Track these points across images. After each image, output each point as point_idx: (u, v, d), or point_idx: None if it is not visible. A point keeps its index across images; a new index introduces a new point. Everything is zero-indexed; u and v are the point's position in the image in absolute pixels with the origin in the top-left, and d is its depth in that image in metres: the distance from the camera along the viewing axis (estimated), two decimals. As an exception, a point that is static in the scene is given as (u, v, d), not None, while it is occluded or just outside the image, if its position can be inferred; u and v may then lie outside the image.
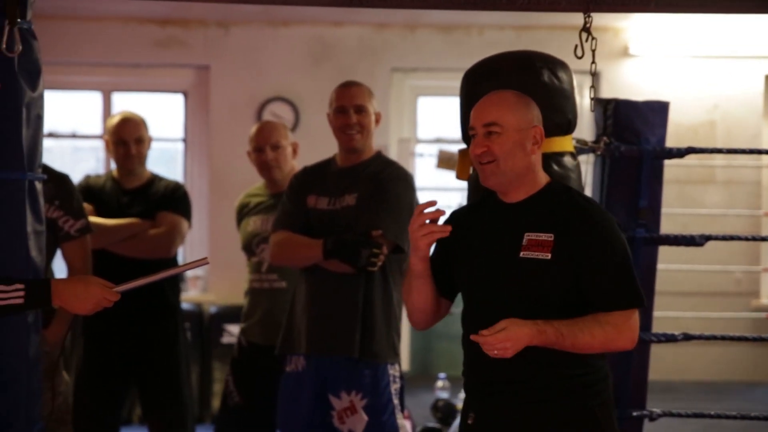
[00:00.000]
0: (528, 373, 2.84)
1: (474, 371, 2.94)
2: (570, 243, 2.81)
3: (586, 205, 2.90)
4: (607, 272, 2.81)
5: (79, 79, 8.04)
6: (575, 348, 2.78)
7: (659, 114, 4.05)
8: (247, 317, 4.72)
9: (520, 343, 2.73)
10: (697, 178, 8.29)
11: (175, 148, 8.24)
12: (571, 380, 2.85)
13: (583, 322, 2.78)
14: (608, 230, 2.85)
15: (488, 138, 2.88)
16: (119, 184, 4.87)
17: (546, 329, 2.75)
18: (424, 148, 8.25)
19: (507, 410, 2.87)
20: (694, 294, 8.10)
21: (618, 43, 8.16)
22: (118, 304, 4.53)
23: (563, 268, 2.80)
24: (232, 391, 4.66)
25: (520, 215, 2.89)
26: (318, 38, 7.97)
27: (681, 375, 8.17)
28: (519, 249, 2.83)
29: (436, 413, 5.87)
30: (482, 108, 2.94)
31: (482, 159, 2.89)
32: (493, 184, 2.91)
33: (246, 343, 4.69)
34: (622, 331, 2.81)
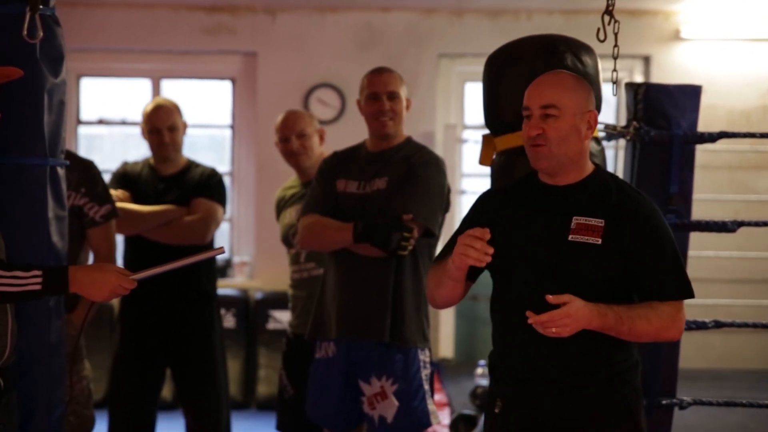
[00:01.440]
0: (563, 361, 2.82)
1: (506, 358, 2.92)
2: (621, 230, 2.80)
3: (635, 194, 2.89)
4: (661, 262, 2.82)
5: (128, 66, 8.11)
6: (631, 334, 2.78)
7: (691, 98, 3.98)
8: (293, 310, 4.73)
9: (580, 322, 2.72)
10: (749, 164, 8.14)
11: (223, 135, 8.29)
12: (605, 368, 2.84)
13: (641, 308, 2.79)
14: (659, 221, 2.85)
15: (544, 120, 2.85)
16: (155, 171, 4.90)
17: (607, 312, 2.74)
18: (471, 134, 8.21)
19: (538, 398, 2.86)
20: (741, 281, 7.96)
21: (669, 27, 8.03)
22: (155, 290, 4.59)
23: (613, 255, 2.79)
24: (285, 385, 4.66)
25: (568, 199, 2.86)
26: (365, 24, 7.97)
27: (729, 363, 8.05)
28: (567, 232, 2.81)
29: (475, 400, 5.85)
30: (540, 89, 2.88)
31: (536, 141, 2.85)
32: (544, 166, 2.88)
33: (293, 336, 4.69)
34: (675, 321, 2.82)
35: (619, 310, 2.77)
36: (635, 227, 2.81)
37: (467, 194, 7.94)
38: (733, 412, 6.15)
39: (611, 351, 2.84)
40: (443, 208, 4.17)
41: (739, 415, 6.32)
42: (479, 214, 3.00)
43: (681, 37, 8.03)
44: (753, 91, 8.11)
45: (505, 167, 3.48)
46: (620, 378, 2.86)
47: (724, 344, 7.85)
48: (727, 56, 8.08)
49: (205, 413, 4.86)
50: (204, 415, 4.87)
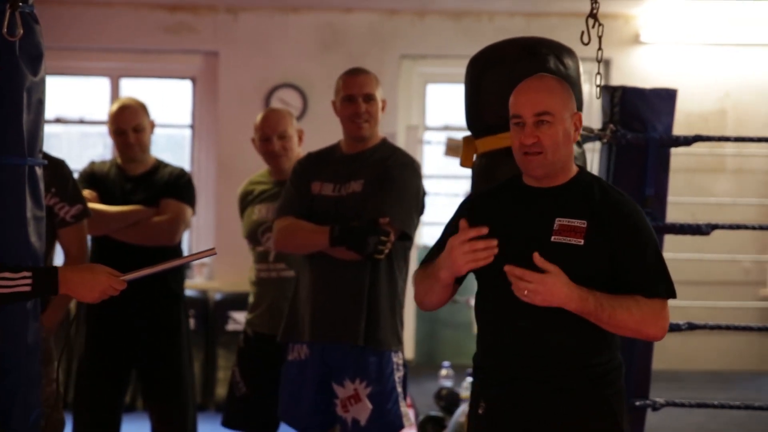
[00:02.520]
0: (547, 362, 2.83)
1: (491, 359, 2.92)
2: (604, 231, 2.81)
3: (618, 195, 2.90)
4: (645, 261, 2.83)
5: (87, 64, 8.03)
6: (611, 322, 2.78)
7: (666, 102, 4.02)
8: (254, 308, 4.69)
9: (554, 295, 2.72)
10: (706, 167, 8.24)
11: (183, 135, 8.23)
12: (589, 369, 2.85)
13: (624, 299, 2.79)
14: (642, 221, 2.86)
15: (538, 128, 2.84)
16: (123, 171, 4.84)
17: (588, 297, 2.75)
18: (432, 135, 8.22)
19: (522, 399, 2.86)
20: (701, 283, 8.06)
21: (629, 31, 8.11)
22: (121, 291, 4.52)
23: (596, 255, 2.80)
24: (238, 382, 4.64)
25: (551, 201, 2.87)
26: (327, 25, 7.94)
27: (687, 364, 8.14)
28: (550, 233, 2.82)
29: (440, 401, 5.85)
30: (530, 95, 2.87)
31: (532, 150, 2.84)
32: (540, 174, 2.88)
33: (252, 334, 4.66)
34: (658, 318, 2.82)
35: (601, 297, 2.77)
36: (618, 227, 2.83)
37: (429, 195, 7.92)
38: (695, 413, 6.22)
39: (595, 352, 2.85)
40: (419, 211, 4.17)
41: (699, 416, 6.39)
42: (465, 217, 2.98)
43: (641, 40, 8.11)
44: (711, 95, 8.21)
45: (486, 169, 3.47)
46: (604, 379, 2.87)
47: (682, 346, 7.93)
48: (687, 60, 8.17)
49: (171, 415, 4.81)
50: (170, 416, 4.82)
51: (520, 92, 2.90)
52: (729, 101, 8.26)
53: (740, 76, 8.24)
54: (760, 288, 8.33)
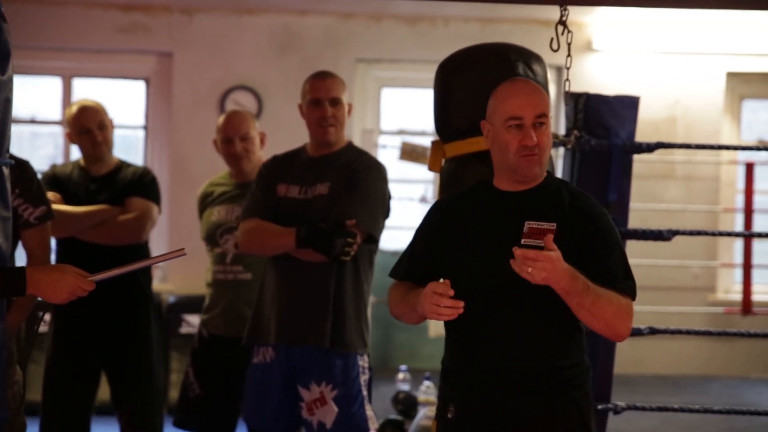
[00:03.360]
0: (516, 364, 2.85)
1: (460, 362, 2.93)
2: (573, 232, 2.84)
3: (586, 198, 2.94)
4: (614, 261, 2.86)
5: (39, 63, 7.93)
6: (591, 309, 2.78)
7: (629, 109, 4.07)
8: (209, 309, 4.68)
9: (557, 273, 2.73)
10: (657, 173, 8.35)
11: (136, 136, 8.16)
12: (558, 372, 2.87)
13: (606, 290, 2.81)
14: (610, 224, 2.91)
15: (537, 129, 2.88)
16: (86, 172, 4.81)
17: (578, 276, 2.77)
18: (388, 139, 8.24)
19: (492, 402, 2.88)
20: (653, 288, 8.16)
21: (581, 38, 8.18)
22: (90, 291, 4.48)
23: (565, 257, 2.80)
24: (192, 383, 4.62)
25: (520, 204, 2.90)
26: (283, 27, 7.93)
27: (638, 368, 8.23)
28: (519, 237, 2.83)
29: (397, 405, 5.86)
30: (530, 98, 2.90)
31: (533, 151, 2.87)
32: (536, 174, 2.91)
33: (207, 335, 4.64)
34: (628, 315, 2.84)
35: (588, 282, 2.79)
36: (587, 230, 2.87)
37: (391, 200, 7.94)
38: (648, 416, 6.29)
39: (564, 355, 2.88)
40: (385, 214, 4.18)
41: (653, 420, 6.47)
42: (432, 225, 3.02)
43: (593, 48, 8.19)
44: (661, 103, 8.32)
45: (454, 174, 3.50)
46: (572, 382, 2.90)
47: (631, 349, 8.02)
48: (637, 68, 8.27)
49: (141, 416, 4.77)
50: (139, 418, 4.78)
51: (515, 94, 2.91)
52: (679, 109, 8.37)
53: (690, 84, 8.35)
54: (709, 294, 8.45)
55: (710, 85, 8.37)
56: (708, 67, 8.35)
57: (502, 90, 2.95)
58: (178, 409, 4.71)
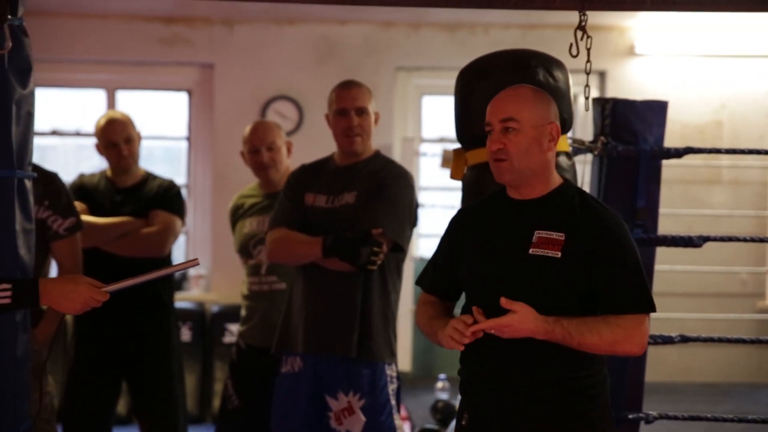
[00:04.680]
0: (525, 373, 2.83)
1: (470, 369, 2.93)
2: (582, 244, 2.81)
3: (599, 208, 2.90)
4: (619, 276, 2.81)
5: (83, 76, 8.02)
6: (582, 347, 2.79)
7: (657, 113, 4.02)
8: (246, 320, 4.69)
9: (521, 333, 2.76)
10: (702, 179, 8.24)
11: (179, 147, 8.23)
12: (569, 382, 2.84)
13: (592, 322, 2.78)
14: (621, 235, 2.85)
15: (505, 134, 2.86)
16: (113, 183, 4.85)
17: (554, 329, 2.76)
18: (428, 147, 8.22)
19: (501, 410, 2.87)
20: (699, 295, 8.05)
21: (624, 42, 8.11)
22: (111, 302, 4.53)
23: (573, 268, 2.79)
24: (231, 395, 4.63)
25: (531, 213, 2.88)
26: (323, 37, 7.95)
27: (685, 377, 8.12)
28: (528, 246, 2.82)
29: (436, 414, 5.84)
30: (499, 103, 2.90)
31: (497, 156, 2.87)
32: (507, 180, 2.90)
33: (245, 346, 4.66)
34: (632, 335, 2.80)
35: (569, 326, 2.77)
36: (595, 240, 2.82)
37: (425, 208, 7.95)
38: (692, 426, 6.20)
39: (574, 365, 2.84)
40: (412, 223, 4.17)
41: (697, 429, 6.36)
42: (453, 234, 3.03)
43: (636, 52, 8.11)
44: (706, 106, 8.21)
45: (476, 181, 3.48)
46: (585, 393, 2.85)
47: (680, 358, 7.92)
48: (681, 71, 8.17)
49: (161, 428, 4.80)
50: (160, 429, 4.81)
51: (492, 101, 2.93)
52: (725, 112, 8.26)
53: (736, 87, 8.23)
54: (758, 300, 8.32)
55: (756, 88, 8.24)
56: (754, 70, 8.22)
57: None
58: (218, 421, 4.73)
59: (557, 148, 3.42)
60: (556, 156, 3.44)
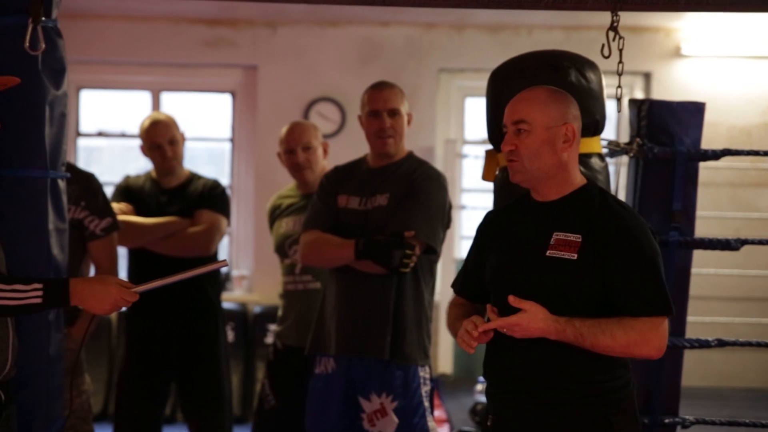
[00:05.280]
0: (545, 376, 2.82)
1: (492, 372, 2.94)
2: (598, 245, 2.79)
3: (618, 209, 2.86)
4: (635, 277, 2.78)
5: (128, 78, 8.10)
6: (595, 348, 2.77)
7: (695, 115, 3.97)
8: (282, 320, 4.71)
9: (531, 332, 2.76)
10: (750, 181, 8.13)
11: (223, 148, 8.27)
12: (589, 386, 2.82)
13: (606, 323, 2.76)
14: (639, 236, 2.81)
15: (517, 136, 2.87)
16: (158, 184, 4.89)
17: (566, 329, 2.75)
18: (471, 149, 8.19)
19: (521, 412, 2.86)
20: (744, 299, 7.95)
21: (670, 44, 8.03)
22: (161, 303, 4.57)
23: (589, 270, 2.78)
24: (267, 395, 4.66)
25: (550, 214, 2.88)
26: (365, 38, 7.96)
27: (729, 382, 8.02)
28: (546, 248, 2.82)
29: (474, 417, 5.83)
30: (513, 105, 2.92)
31: (509, 157, 2.89)
32: (519, 181, 2.91)
33: (281, 346, 4.68)
34: (648, 338, 2.76)
35: (581, 326, 2.75)
36: (612, 242, 2.79)
37: (467, 209, 7.92)
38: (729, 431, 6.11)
39: (595, 369, 2.81)
40: (444, 225, 4.15)
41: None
42: (481, 236, 3.05)
43: (682, 53, 8.03)
44: (754, 108, 8.11)
45: (507, 183, 3.44)
46: (605, 398, 2.82)
47: (724, 362, 7.83)
48: (728, 73, 8.08)
49: (210, 426, 4.83)
50: (209, 429, 4.84)
51: (509, 103, 2.95)
52: (773, 115, 8.15)
53: (784, 88, 8.12)
54: (805, 304, 8.19)
55: (804, 89, 8.13)
56: (802, 71, 8.11)
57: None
58: (255, 420, 4.76)
59: (587, 150, 3.41)
60: (588, 158, 3.43)
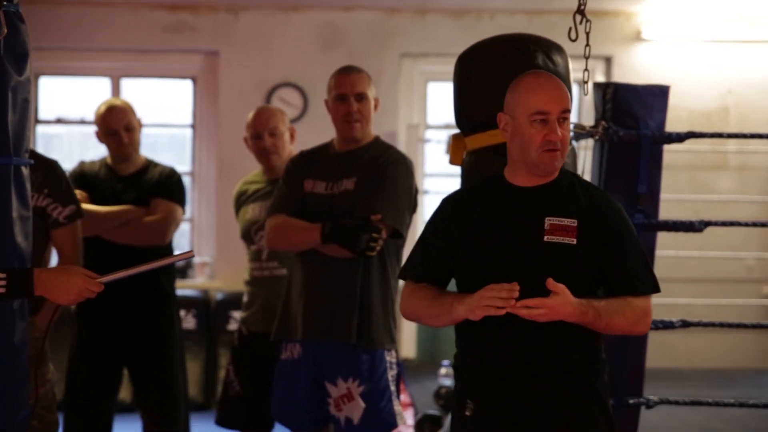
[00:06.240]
0: (540, 359, 2.83)
1: (481, 358, 2.89)
2: (593, 229, 2.83)
3: (600, 193, 2.93)
4: (632, 258, 2.86)
5: (88, 64, 8.02)
6: (607, 328, 2.83)
7: (659, 98, 3.99)
8: (248, 306, 4.70)
9: (558, 315, 2.76)
10: (709, 164, 8.20)
11: (184, 134, 8.22)
12: (583, 365, 2.86)
13: (617, 303, 2.83)
14: (625, 218, 2.90)
15: (561, 125, 2.85)
16: (113, 171, 4.84)
17: (588, 310, 2.78)
18: (433, 134, 8.20)
19: (515, 397, 2.84)
20: (704, 281, 8.03)
21: (630, 28, 8.07)
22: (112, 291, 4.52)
23: (587, 254, 2.82)
24: (232, 381, 4.64)
25: (539, 199, 2.87)
26: (328, 23, 7.93)
27: (689, 362, 8.10)
28: (542, 233, 2.82)
29: (439, 400, 5.84)
30: (555, 93, 2.87)
31: (555, 146, 2.84)
32: (556, 169, 2.89)
33: (247, 332, 4.66)
34: (647, 315, 2.87)
35: (599, 307, 2.80)
36: (606, 225, 2.84)
37: (430, 194, 7.93)
38: (696, 411, 6.19)
39: (586, 349, 2.86)
40: (411, 209, 4.16)
41: (702, 414, 6.35)
42: (447, 221, 2.95)
43: (642, 37, 8.07)
44: (713, 92, 8.17)
45: (476, 167, 3.46)
46: (599, 377, 2.88)
47: (685, 343, 7.90)
48: (688, 57, 8.13)
49: (163, 415, 4.80)
50: (161, 417, 4.81)
51: (541, 89, 2.87)
52: (731, 98, 8.22)
53: (743, 73, 8.19)
54: (764, 285, 8.29)
55: (763, 73, 8.20)
56: (760, 55, 8.18)
57: (525, 83, 2.90)
58: (219, 407, 4.74)
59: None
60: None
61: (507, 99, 2.93)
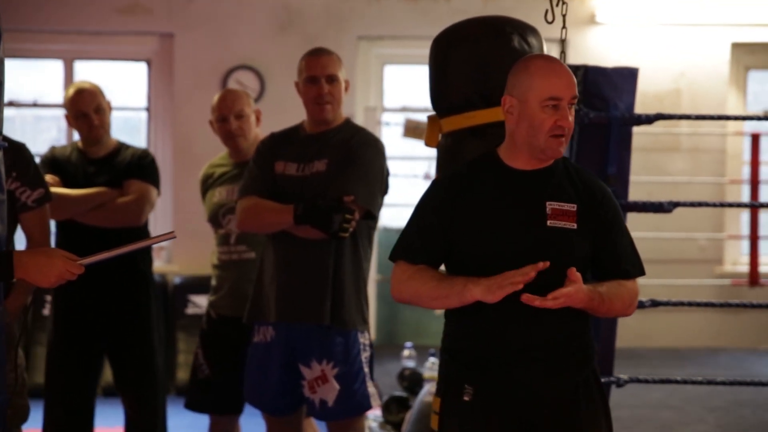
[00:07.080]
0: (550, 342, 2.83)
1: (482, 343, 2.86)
2: (590, 213, 2.85)
3: (592, 176, 2.95)
4: (623, 242, 2.89)
5: (40, 47, 7.93)
6: (608, 312, 2.87)
7: (628, 80, 4.04)
8: (216, 290, 4.68)
9: (572, 303, 2.78)
10: (662, 146, 8.31)
11: (139, 117, 8.16)
12: (581, 347, 2.89)
13: (615, 287, 2.86)
14: (616, 203, 2.94)
15: (570, 110, 2.85)
16: (85, 154, 4.80)
17: (594, 296, 2.80)
18: (391, 116, 8.21)
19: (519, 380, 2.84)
20: (659, 261, 8.14)
21: (584, 11, 8.14)
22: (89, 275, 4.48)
23: (586, 238, 2.84)
24: (201, 364, 4.63)
25: (537, 183, 2.86)
26: (284, 5, 7.90)
27: (645, 342, 8.22)
28: (544, 217, 2.82)
29: (403, 382, 5.86)
30: (568, 79, 2.85)
31: (559, 132, 2.83)
32: (560, 154, 2.88)
33: (215, 316, 4.64)
34: (635, 297, 2.91)
35: (603, 292, 2.83)
36: (601, 209, 2.87)
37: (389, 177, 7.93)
38: (656, 389, 6.29)
39: (582, 331, 2.89)
40: (383, 190, 4.17)
41: (659, 392, 6.46)
42: (441, 203, 2.91)
43: (596, 21, 8.14)
44: (665, 75, 8.27)
45: (452, 149, 3.48)
46: (592, 357, 2.91)
47: (639, 324, 8.01)
48: (641, 40, 8.23)
49: (143, 399, 4.78)
50: (142, 401, 4.79)
51: (555, 74, 2.84)
52: (684, 81, 8.33)
53: (695, 55, 8.30)
54: (716, 266, 8.42)
55: (715, 56, 8.32)
56: (712, 39, 8.29)
57: (539, 67, 2.85)
58: (189, 390, 4.72)
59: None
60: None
61: (513, 81, 2.86)
